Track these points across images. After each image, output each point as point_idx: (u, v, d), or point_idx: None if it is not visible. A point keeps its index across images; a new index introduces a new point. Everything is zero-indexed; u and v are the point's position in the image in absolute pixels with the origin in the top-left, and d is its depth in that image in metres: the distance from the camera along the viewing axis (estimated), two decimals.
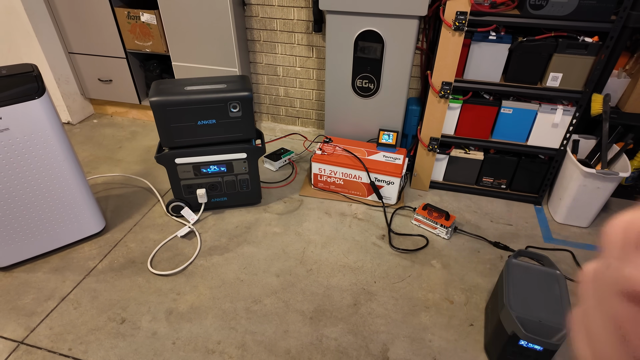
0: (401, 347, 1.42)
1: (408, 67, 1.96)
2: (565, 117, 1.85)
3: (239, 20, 2.26)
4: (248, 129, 1.81)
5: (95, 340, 1.43)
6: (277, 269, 1.71)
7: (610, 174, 1.73)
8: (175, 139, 1.75)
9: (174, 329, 1.46)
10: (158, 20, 2.31)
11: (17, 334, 1.44)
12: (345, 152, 2.10)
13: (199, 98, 1.67)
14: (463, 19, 1.66)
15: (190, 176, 1.87)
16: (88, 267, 1.70)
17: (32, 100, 1.44)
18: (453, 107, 1.95)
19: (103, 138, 2.63)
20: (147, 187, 2.19)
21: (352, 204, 2.08)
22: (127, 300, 1.57)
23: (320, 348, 1.41)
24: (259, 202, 2.08)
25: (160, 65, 2.63)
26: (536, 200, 2.11)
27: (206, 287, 1.63)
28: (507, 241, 1.88)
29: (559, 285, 1.34)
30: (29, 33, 2.38)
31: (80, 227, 1.77)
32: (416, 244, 1.85)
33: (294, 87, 2.51)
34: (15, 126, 1.44)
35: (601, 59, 1.67)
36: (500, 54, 1.77)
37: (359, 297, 1.60)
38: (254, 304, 1.56)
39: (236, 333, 1.45)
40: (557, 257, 1.80)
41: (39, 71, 1.53)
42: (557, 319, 1.23)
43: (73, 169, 1.63)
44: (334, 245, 1.84)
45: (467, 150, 2.10)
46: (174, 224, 1.94)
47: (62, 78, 2.62)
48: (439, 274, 1.70)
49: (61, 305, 1.55)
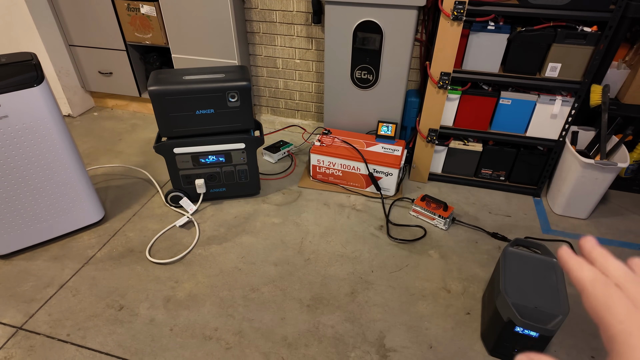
0: (398, 335, 1.42)
1: (407, 58, 1.96)
2: (564, 108, 1.84)
3: (239, 12, 2.26)
4: (246, 119, 1.81)
5: (94, 326, 1.43)
6: (275, 258, 1.72)
7: (608, 164, 1.73)
8: (174, 129, 1.76)
9: (172, 316, 1.47)
10: (158, 12, 2.31)
11: (17, 319, 1.45)
12: (344, 144, 2.10)
13: (197, 87, 1.68)
14: (461, 8, 1.66)
15: (189, 166, 1.88)
16: (87, 256, 1.71)
17: (31, 88, 1.45)
18: (452, 98, 1.95)
19: (103, 131, 2.64)
20: (146, 178, 2.20)
21: (351, 196, 2.09)
22: (126, 288, 1.58)
23: (317, 335, 1.42)
24: (257, 193, 2.08)
25: (160, 57, 2.64)
26: (535, 192, 2.11)
27: (204, 275, 1.63)
28: (506, 232, 1.88)
29: (555, 273, 1.34)
30: (29, 25, 2.39)
31: (80, 217, 1.78)
32: (414, 235, 1.85)
33: (293, 80, 2.52)
34: (14, 114, 1.45)
35: (600, 49, 1.66)
36: (498, 44, 1.77)
37: (356, 286, 1.60)
38: (251, 292, 1.57)
39: (233, 320, 1.46)
40: (555, 248, 1.80)
41: (38, 60, 1.54)
42: (553, 305, 1.23)
43: (72, 158, 1.64)
44: (332, 235, 1.84)
45: (466, 142, 2.10)
46: (173, 214, 1.95)
47: (63, 70, 2.63)
48: (437, 264, 1.71)
49: (60, 292, 1.56)
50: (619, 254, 1.78)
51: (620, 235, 1.88)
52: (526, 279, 1.32)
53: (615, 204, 2.08)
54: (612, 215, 2.01)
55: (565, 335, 1.43)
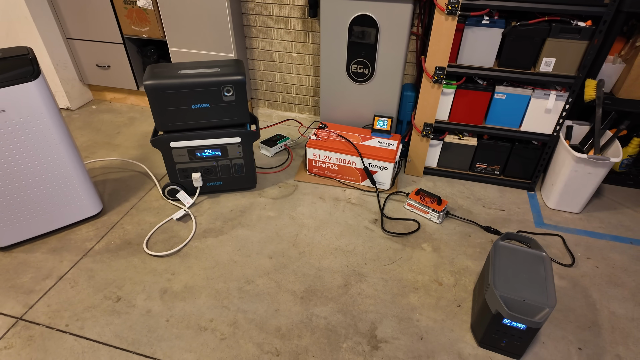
0: (389, 326, 1.45)
1: (402, 52, 1.96)
2: (559, 103, 1.85)
3: (235, 5, 2.26)
4: (242, 114, 1.82)
5: (92, 317, 1.47)
6: (270, 251, 1.74)
7: (601, 159, 1.74)
8: (170, 123, 1.77)
9: (168, 307, 1.50)
10: (154, 5, 2.31)
11: (16, 310, 1.48)
12: (340, 138, 2.11)
13: (193, 82, 1.69)
14: (456, 2, 1.66)
15: (185, 160, 1.89)
16: (85, 248, 1.74)
17: (28, 83, 1.46)
18: (447, 93, 1.96)
19: (101, 124, 2.66)
20: (144, 171, 2.22)
21: (346, 190, 2.11)
22: (123, 280, 1.61)
23: (310, 326, 1.45)
24: (254, 186, 2.10)
25: (158, 51, 2.64)
26: (529, 186, 2.12)
27: (200, 267, 1.66)
28: (499, 226, 1.90)
29: (544, 266, 1.36)
30: (26, 18, 2.39)
31: (78, 209, 1.81)
32: (408, 228, 1.87)
33: (290, 73, 2.52)
34: (11, 108, 1.46)
35: (594, 43, 1.66)
36: (493, 39, 1.77)
37: (349, 278, 1.63)
38: (246, 284, 1.60)
39: (228, 311, 1.49)
40: (548, 242, 1.82)
41: (34, 54, 1.55)
42: (540, 298, 1.26)
43: (69, 152, 1.66)
44: (327, 228, 1.86)
45: (461, 136, 2.11)
46: (170, 207, 1.98)
47: (61, 64, 2.64)
48: (429, 257, 1.73)
49: (59, 284, 1.59)
50: (610, 247, 1.80)
51: (611, 229, 1.90)
52: (515, 272, 1.34)
53: (608, 198, 2.09)
54: (605, 209, 2.02)
55: (553, 328, 1.46)
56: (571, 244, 1.81)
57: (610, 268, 1.70)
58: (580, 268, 1.70)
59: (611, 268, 1.70)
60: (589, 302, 1.56)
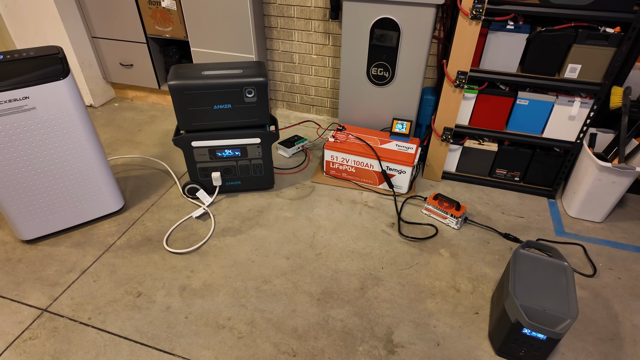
0: (405, 331, 1.45)
1: (424, 56, 1.95)
2: (583, 110, 1.82)
3: (257, 6, 2.28)
4: (262, 115, 1.84)
5: (113, 311, 1.50)
6: (287, 251, 1.76)
7: (626, 168, 1.71)
8: (192, 123, 1.80)
9: (187, 304, 1.53)
10: (178, 5, 2.35)
11: (42, 302, 1.53)
12: (358, 140, 2.12)
13: (216, 83, 1.71)
14: (480, 7, 1.65)
15: (206, 159, 1.92)
16: (107, 243, 1.78)
17: (58, 81, 1.50)
18: (468, 97, 1.94)
19: (123, 121, 2.71)
20: (164, 169, 2.26)
21: (363, 192, 2.11)
22: (143, 276, 1.64)
23: (326, 328, 1.45)
24: (271, 187, 2.12)
25: (180, 50, 2.68)
26: (550, 193, 2.09)
27: (219, 266, 1.69)
28: (518, 233, 1.87)
29: (566, 276, 1.34)
30: (55, 17, 2.46)
31: (101, 205, 1.85)
32: (425, 233, 1.87)
33: (309, 75, 2.53)
34: (41, 106, 1.51)
35: (622, 50, 1.63)
36: (517, 44, 1.75)
37: (366, 281, 1.63)
38: (263, 283, 1.61)
39: (246, 310, 1.51)
40: (568, 251, 1.79)
41: (64, 53, 1.59)
42: (562, 309, 1.24)
43: (95, 149, 1.70)
44: (344, 231, 1.87)
45: (481, 141, 2.09)
46: (190, 205, 2.01)
47: (86, 62, 2.71)
48: (447, 263, 1.72)
49: (82, 277, 1.63)
50: (634, 258, 1.76)
51: (635, 240, 1.86)
52: (536, 281, 1.33)
53: (632, 208, 2.05)
54: (629, 219, 1.98)
55: (573, 339, 1.44)
56: (592, 253, 1.78)
57: (633, 280, 1.67)
58: (601, 279, 1.67)
59: (634, 280, 1.67)
60: (610, 313, 1.53)
